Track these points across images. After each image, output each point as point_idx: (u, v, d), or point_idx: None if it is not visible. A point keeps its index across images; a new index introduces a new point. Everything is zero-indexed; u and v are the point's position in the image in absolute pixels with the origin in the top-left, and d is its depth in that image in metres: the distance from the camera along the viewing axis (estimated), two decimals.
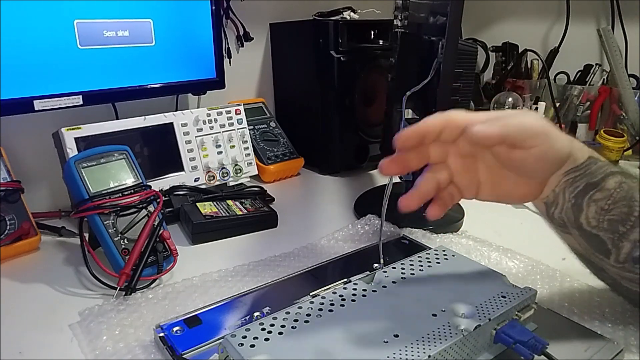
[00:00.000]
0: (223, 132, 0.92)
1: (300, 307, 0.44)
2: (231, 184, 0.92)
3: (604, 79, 1.18)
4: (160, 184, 0.82)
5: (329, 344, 0.40)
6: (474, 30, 1.38)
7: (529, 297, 0.48)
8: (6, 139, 0.81)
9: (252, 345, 0.39)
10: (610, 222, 0.46)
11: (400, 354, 0.39)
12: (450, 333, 0.41)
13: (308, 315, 0.43)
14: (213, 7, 0.90)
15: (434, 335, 0.41)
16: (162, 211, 0.65)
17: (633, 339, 0.49)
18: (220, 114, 0.92)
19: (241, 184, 0.93)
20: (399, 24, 0.84)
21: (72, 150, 0.74)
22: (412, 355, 0.39)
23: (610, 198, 0.46)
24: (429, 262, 0.53)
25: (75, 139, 0.75)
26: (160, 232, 0.63)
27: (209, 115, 0.90)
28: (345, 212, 0.84)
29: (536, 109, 1.17)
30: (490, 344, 0.45)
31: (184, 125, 0.87)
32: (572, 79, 1.22)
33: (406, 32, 0.83)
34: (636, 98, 1.12)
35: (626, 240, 0.46)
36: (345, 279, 0.57)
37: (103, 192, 0.62)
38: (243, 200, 0.82)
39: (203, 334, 0.49)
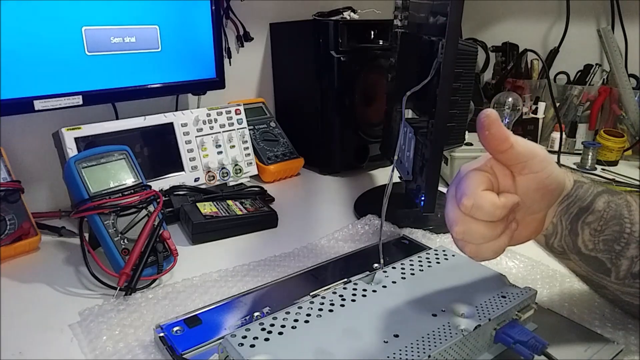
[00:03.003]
0: (223, 132, 0.92)
1: (300, 307, 0.44)
2: (231, 184, 0.92)
3: (604, 79, 1.18)
4: (160, 184, 0.82)
5: (329, 344, 0.40)
6: (474, 30, 1.38)
7: (529, 297, 0.48)
8: (6, 139, 0.81)
9: (252, 345, 0.39)
10: (605, 242, 0.46)
11: (400, 354, 0.39)
12: (450, 333, 0.41)
13: (308, 315, 0.43)
14: (213, 7, 0.90)
15: (434, 335, 0.41)
16: (162, 211, 0.65)
17: (633, 339, 0.49)
18: (220, 114, 0.92)
19: (241, 184, 0.93)
20: (399, 24, 0.85)
21: (72, 150, 0.74)
22: (412, 355, 0.39)
23: (602, 219, 0.46)
24: (429, 262, 0.53)
25: (75, 139, 0.75)
26: (160, 232, 0.63)
27: (209, 115, 0.90)
28: (345, 212, 0.84)
29: (536, 109, 1.17)
30: (490, 344, 0.45)
31: (184, 125, 0.87)
32: (572, 79, 1.22)
33: (406, 32, 0.83)
34: (636, 98, 1.12)
35: (623, 257, 0.46)
36: (345, 279, 0.57)
37: (103, 192, 0.62)
38: (243, 200, 0.82)
39: (203, 334, 0.49)
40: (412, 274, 0.51)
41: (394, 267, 0.52)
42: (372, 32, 1.03)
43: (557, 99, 1.17)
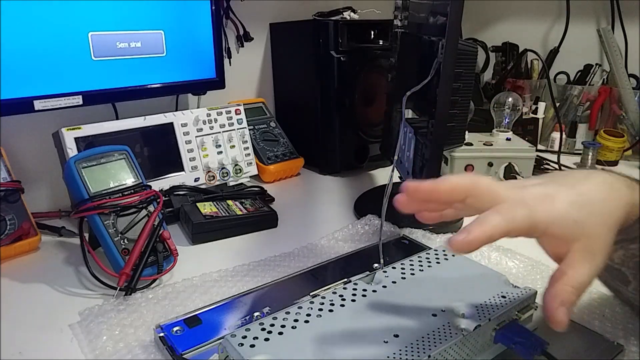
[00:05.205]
0: (223, 132, 0.92)
1: (300, 307, 0.44)
2: (231, 184, 0.92)
3: (604, 79, 1.18)
4: (160, 184, 0.82)
5: (329, 344, 0.40)
6: (474, 30, 1.38)
7: (529, 297, 0.48)
8: (6, 139, 0.81)
9: (252, 345, 0.39)
10: (637, 263, 0.45)
11: (400, 354, 0.39)
12: (450, 333, 0.41)
13: (308, 315, 0.43)
14: (213, 7, 0.90)
15: (434, 335, 0.41)
16: (162, 211, 0.65)
17: (633, 339, 0.49)
18: (220, 114, 0.92)
19: (241, 184, 0.93)
20: (399, 24, 0.85)
21: (72, 150, 0.74)
22: (412, 355, 0.39)
23: None
24: (429, 262, 0.53)
25: (75, 139, 0.75)
26: (160, 232, 0.63)
27: (209, 115, 0.90)
28: (345, 212, 0.84)
29: (536, 109, 1.17)
30: (490, 344, 0.45)
31: (184, 125, 0.87)
32: (572, 79, 1.22)
33: (406, 32, 0.83)
34: (636, 98, 1.12)
35: None
36: (345, 279, 0.57)
37: (103, 192, 0.62)
38: (243, 200, 0.82)
39: (203, 334, 0.49)
40: (412, 274, 0.51)
41: (394, 267, 0.52)
42: (372, 32, 1.03)
43: (557, 99, 1.17)
